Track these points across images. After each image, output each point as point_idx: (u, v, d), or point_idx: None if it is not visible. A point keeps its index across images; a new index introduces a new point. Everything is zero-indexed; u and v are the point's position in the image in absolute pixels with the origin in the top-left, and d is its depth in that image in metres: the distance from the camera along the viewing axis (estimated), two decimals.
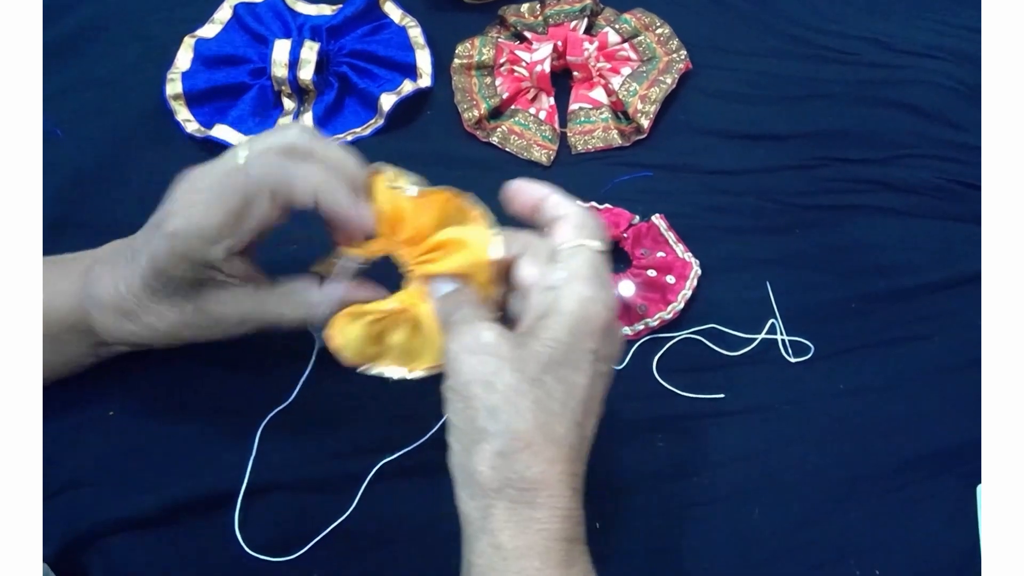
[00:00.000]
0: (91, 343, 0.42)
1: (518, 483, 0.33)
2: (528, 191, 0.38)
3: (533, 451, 0.33)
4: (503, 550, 0.33)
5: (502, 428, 0.33)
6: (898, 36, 0.64)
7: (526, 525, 0.33)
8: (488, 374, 0.34)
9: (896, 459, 0.47)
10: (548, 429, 0.33)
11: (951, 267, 0.53)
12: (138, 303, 0.39)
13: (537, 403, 0.33)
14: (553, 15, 0.64)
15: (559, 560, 0.33)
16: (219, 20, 0.61)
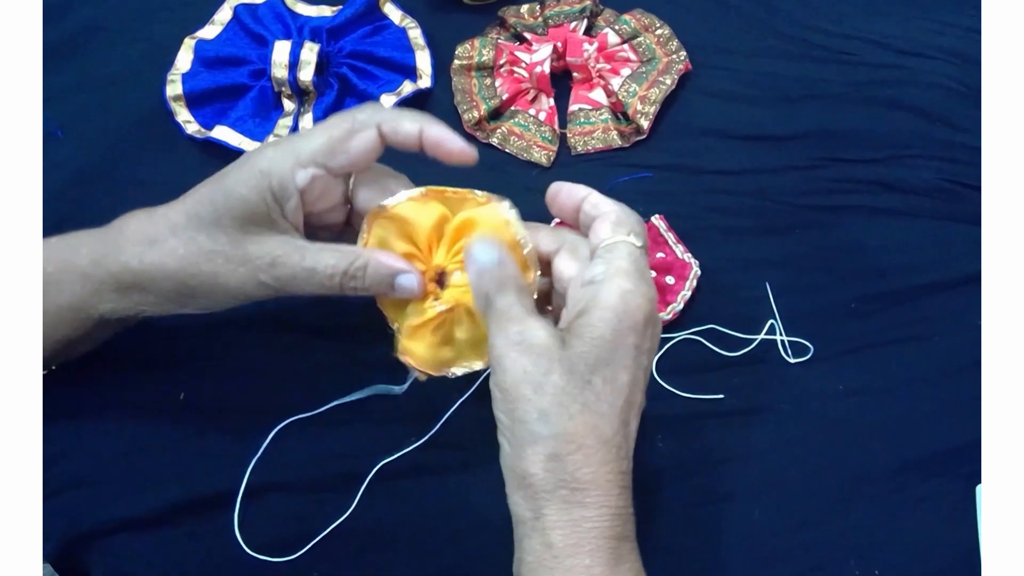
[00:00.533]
0: (82, 290, 0.40)
1: (570, 484, 0.34)
2: (568, 192, 0.39)
3: (584, 453, 0.34)
4: (554, 548, 0.34)
5: (553, 431, 0.34)
6: (897, 36, 0.64)
7: (577, 524, 0.34)
8: (538, 375, 0.34)
9: (896, 460, 0.47)
10: (598, 431, 0.34)
11: (950, 268, 0.53)
12: (169, 227, 0.39)
13: (586, 406, 0.34)
14: (553, 16, 0.64)
15: (608, 558, 0.34)
16: (219, 21, 0.61)
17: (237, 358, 0.48)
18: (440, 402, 0.46)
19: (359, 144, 0.38)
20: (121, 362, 0.46)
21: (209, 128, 0.56)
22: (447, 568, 0.44)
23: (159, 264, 0.38)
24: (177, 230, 0.38)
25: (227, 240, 0.38)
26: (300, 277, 0.38)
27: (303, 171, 0.38)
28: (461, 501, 0.45)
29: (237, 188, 0.38)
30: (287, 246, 0.38)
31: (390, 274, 0.39)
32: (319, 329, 0.50)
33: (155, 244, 0.39)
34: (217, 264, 0.38)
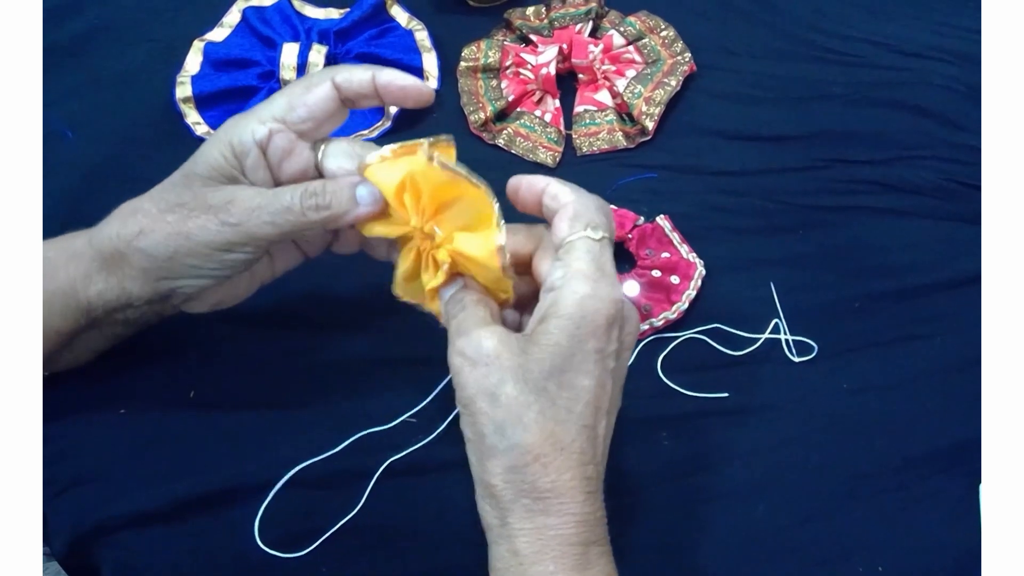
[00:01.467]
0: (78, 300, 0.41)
1: (531, 493, 0.34)
2: (528, 185, 0.39)
3: (542, 463, 0.34)
4: (520, 555, 0.34)
5: (509, 444, 0.34)
6: (901, 37, 0.64)
7: (541, 532, 0.34)
8: (491, 386, 0.34)
9: (899, 457, 0.47)
10: (555, 439, 0.34)
11: (953, 267, 0.53)
12: (148, 196, 0.40)
13: (542, 413, 0.34)
14: (558, 18, 0.64)
15: (573, 563, 0.34)
16: (228, 24, 0.62)
17: (244, 354, 0.48)
18: (447, 401, 0.47)
19: (315, 96, 0.39)
20: (129, 358, 0.46)
21: None
22: (454, 564, 0.44)
23: (136, 229, 0.39)
24: (153, 196, 0.40)
25: (191, 195, 0.39)
26: (258, 208, 0.38)
27: (260, 126, 0.39)
28: (468, 498, 0.45)
29: (204, 152, 0.40)
30: (243, 189, 0.39)
31: (350, 185, 0.39)
32: (326, 325, 0.50)
33: (137, 212, 0.40)
34: (181, 215, 0.39)
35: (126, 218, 0.40)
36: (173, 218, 0.39)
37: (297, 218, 0.39)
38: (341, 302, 0.52)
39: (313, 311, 0.51)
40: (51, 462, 0.45)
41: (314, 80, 0.40)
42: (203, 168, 0.39)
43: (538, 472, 0.34)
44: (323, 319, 0.51)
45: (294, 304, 0.51)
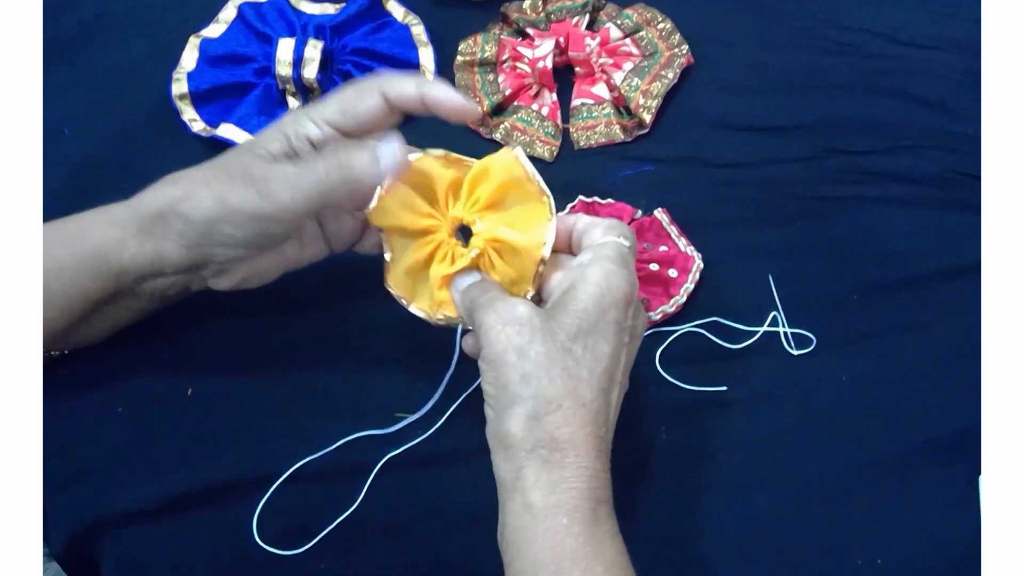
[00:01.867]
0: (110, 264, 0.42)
1: (548, 443, 0.36)
2: (561, 221, 0.41)
3: (563, 414, 0.36)
4: (533, 508, 0.36)
5: (533, 392, 0.36)
6: (901, 27, 0.64)
7: (555, 484, 0.36)
8: (522, 343, 0.37)
9: (898, 448, 0.47)
10: (577, 394, 0.36)
11: (953, 256, 0.53)
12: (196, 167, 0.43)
13: (566, 370, 0.37)
14: (555, 11, 0.64)
15: (586, 518, 0.35)
16: (224, 20, 0.61)
17: (242, 349, 0.49)
18: (446, 396, 0.47)
19: (365, 106, 0.41)
20: (128, 353, 0.47)
21: (214, 126, 0.56)
22: (454, 559, 0.44)
23: (180, 193, 0.41)
24: (201, 167, 0.42)
25: (238, 167, 0.41)
26: (289, 174, 0.40)
27: (315, 128, 0.41)
28: (466, 492, 0.45)
29: (262, 136, 0.43)
30: (283, 164, 0.41)
31: (372, 151, 0.40)
32: (325, 319, 0.50)
33: (182, 179, 0.42)
34: (225, 184, 0.40)
35: (172, 183, 0.42)
36: (218, 187, 0.40)
37: (326, 189, 0.40)
38: (341, 297, 0.52)
39: (312, 306, 0.51)
40: (50, 457, 0.45)
41: (364, 88, 0.42)
42: (259, 149, 0.42)
43: (558, 422, 0.36)
44: (321, 314, 0.51)
45: (292, 299, 0.51)
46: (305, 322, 0.50)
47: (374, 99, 0.41)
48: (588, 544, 0.35)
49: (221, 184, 0.40)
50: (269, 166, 0.41)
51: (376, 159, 0.40)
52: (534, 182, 0.41)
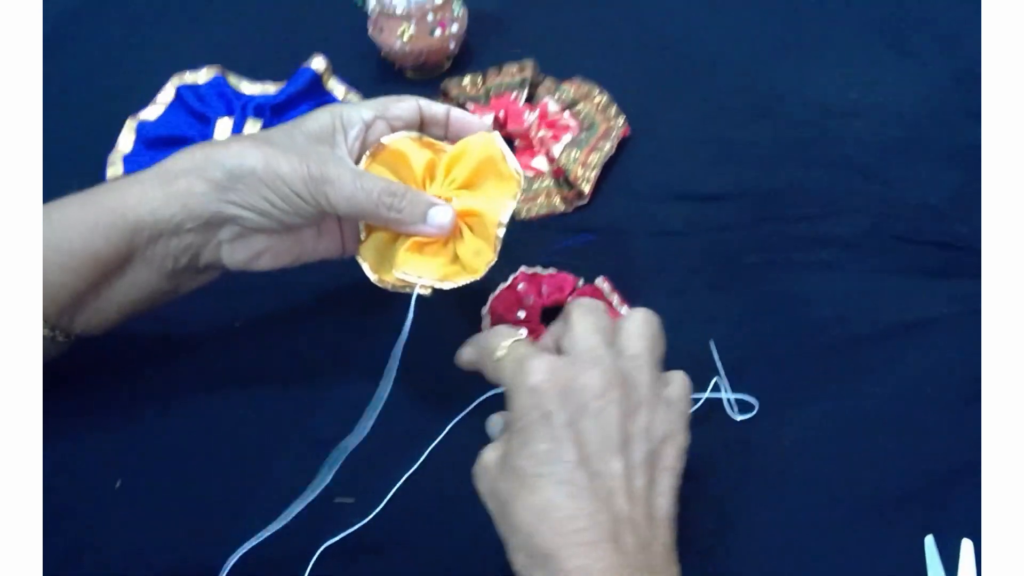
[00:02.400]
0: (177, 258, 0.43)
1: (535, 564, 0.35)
2: None
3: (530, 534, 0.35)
4: None
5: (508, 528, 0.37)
6: (828, 95, 0.66)
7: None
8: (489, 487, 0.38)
9: (843, 512, 0.47)
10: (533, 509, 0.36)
11: (887, 318, 0.53)
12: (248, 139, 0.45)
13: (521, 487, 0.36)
14: (494, 87, 0.65)
15: None
16: (162, 102, 0.62)
17: (174, 432, 0.47)
18: (389, 480, 0.46)
19: (404, 106, 0.46)
20: (53, 443, 0.45)
21: None
22: None
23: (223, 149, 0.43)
24: (249, 134, 0.44)
25: (289, 141, 0.43)
26: (344, 180, 0.43)
27: (368, 111, 0.45)
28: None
29: (314, 115, 0.45)
30: (342, 161, 0.44)
31: (427, 203, 0.44)
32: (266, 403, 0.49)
33: (229, 141, 0.44)
34: (275, 151, 0.42)
35: (202, 146, 0.43)
36: (269, 150, 0.42)
37: (370, 207, 0.43)
38: (275, 371, 0.51)
39: (254, 384, 0.50)
40: None
41: (402, 96, 0.47)
42: (312, 126, 0.44)
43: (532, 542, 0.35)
44: (268, 395, 0.50)
45: (222, 379, 0.50)
46: (244, 404, 0.49)
47: (411, 103, 0.47)
48: None
49: (272, 151, 0.42)
50: (325, 151, 0.43)
51: (425, 219, 0.44)
52: (507, 162, 0.45)
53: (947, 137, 0.64)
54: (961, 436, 0.49)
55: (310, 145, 0.44)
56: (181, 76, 0.63)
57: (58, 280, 0.41)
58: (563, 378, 0.37)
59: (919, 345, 0.53)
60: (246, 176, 0.42)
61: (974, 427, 0.50)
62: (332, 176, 0.42)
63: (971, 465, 0.48)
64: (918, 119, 0.65)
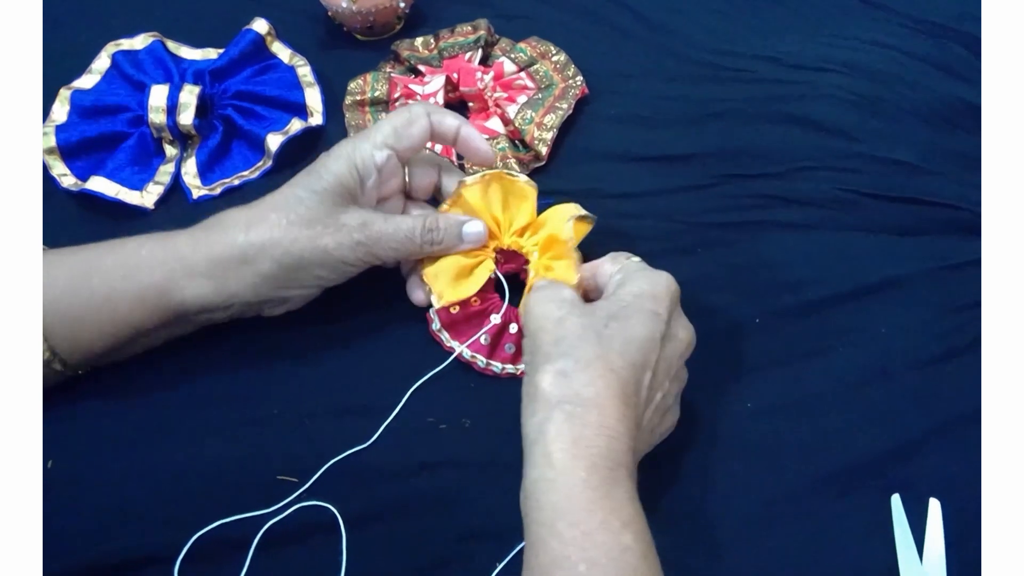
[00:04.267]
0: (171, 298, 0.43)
1: (573, 399, 0.37)
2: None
3: (590, 374, 0.38)
4: (552, 458, 0.36)
5: (564, 351, 0.39)
6: (793, 52, 0.64)
7: (576, 440, 0.36)
8: (561, 315, 0.40)
9: (809, 477, 0.45)
10: (606, 359, 0.38)
11: (853, 278, 0.52)
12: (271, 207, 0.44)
13: (599, 339, 0.39)
14: (448, 47, 0.63)
15: (604, 477, 0.36)
16: (97, 70, 0.59)
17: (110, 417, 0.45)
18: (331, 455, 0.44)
19: (417, 129, 0.46)
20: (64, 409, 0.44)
21: (85, 180, 0.53)
22: None
23: (266, 237, 0.43)
24: (278, 207, 0.44)
25: (323, 211, 0.44)
26: (386, 235, 0.45)
27: (379, 152, 0.45)
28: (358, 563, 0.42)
29: (331, 166, 0.44)
30: (372, 214, 0.45)
31: (458, 223, 0.47)
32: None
33: (263, 221, 0.43)
34: (317, 230, 0.43)
35: (250, 226, 0.43)
36: (309, 232, 0.43)
37: (415, 247, 0.46)
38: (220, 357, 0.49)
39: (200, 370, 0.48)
40: None
41: (414, 114, 0.46)
42: (331, 184, 0.44)
43: (585, 380, 0.37)
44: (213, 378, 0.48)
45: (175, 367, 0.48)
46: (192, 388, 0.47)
47: (423, 124, 0.46)
48: (606, 499, 0.35)
49: (314, 231, 0.43)
50: (359, 213, 0.44)
51: (461, 238, 0.47)
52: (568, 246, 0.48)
53: (916, 91, 0.62)
54: (931, 395, 0.48)
55: (339, 208, 0.44)
56: (117, 43, 0.60)
57: (94, 343, 0.43)
58: (677, 311, 0.43)
59: (888, 305, 0.51)
60: (299, 267, 0.43)
61: (944, 385, 0.48)
62: (375, 235, 0.44)
63: (941, 424, 0.47)
64: (886, 74, 0.63)
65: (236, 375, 0.48)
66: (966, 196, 0.56)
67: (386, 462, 0.45)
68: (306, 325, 0.49)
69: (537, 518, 0.36)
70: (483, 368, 0.48)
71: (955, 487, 0.45)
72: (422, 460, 0.45)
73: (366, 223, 0.44)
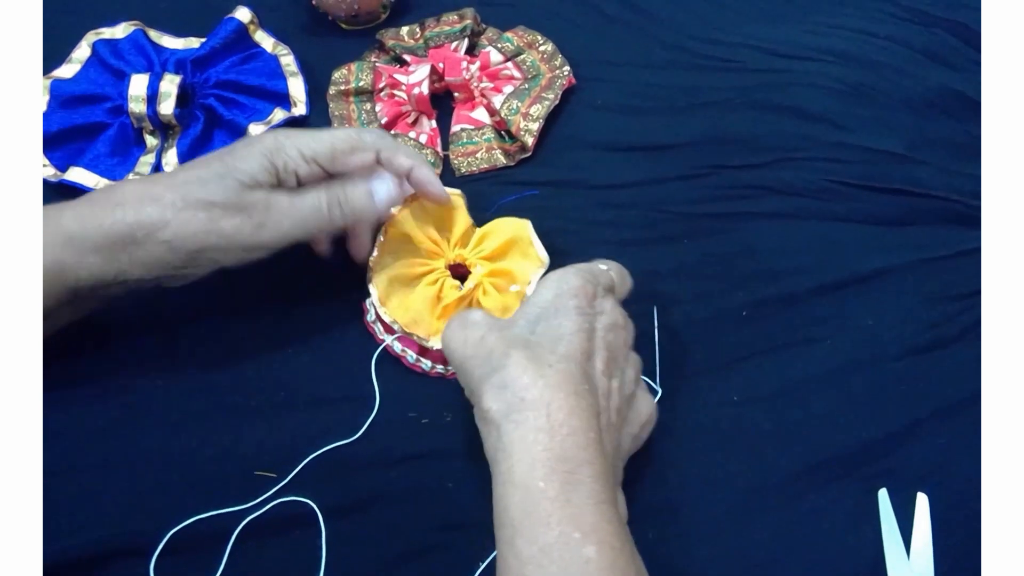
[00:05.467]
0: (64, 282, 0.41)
1: (518, 406, 0.36)
2: None
3: (528, 375, 0.36)
4: (512, 473, 0.35)
5: (496, 365, 0.37)
6: (780, 40, 0.64)
7: (528, 446, 0.35)
8: (480, 336, 0.39)
9: (795, 467, 0.45)
10: (540, 359, 0.37)
11: (839, 269, 0.51)
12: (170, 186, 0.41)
13: (527, 344, 0.38)
14: (433, 37, 0.62)
15: (563, 481, 0.34)
16: (77, 59, 0.58)
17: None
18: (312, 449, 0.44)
19: (357, 161, 0.45)
20: None
21: (64, 170, 0.52)
22: None
23: (159, 217, 0.40)
24: (175, 186, 0.41)
25: (225, 195, 0.41)
26: (292, 213, 0.43)
27: (305, 165, 0.43)
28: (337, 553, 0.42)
29: (242, 164, 0.42)
30: (277, 194, 0.43)
31: (367, 190, 0.45)
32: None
33: (156, 201, 0.40)
34: (215, 214, 0.41)
35: (140, 205, 0.40)
36: (205, 215, 0.41)
37: (324, 222, 0.44)
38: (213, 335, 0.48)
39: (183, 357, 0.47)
40: None
41: (363, 143, 0.45)
42: (244, 176, 0.41)
43: (524, 383, 0.36)
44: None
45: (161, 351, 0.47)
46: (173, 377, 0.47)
47: (368, 159, 0.45)
48: (565, 507, 0.34)
49: (210, 215, 0.41)
50: (265, 196, 0.42)
51: (372, 197, 0.45)
52: (535, 249, 0.48)
53: (904, 80, 0.61)
54: (917, 387, 0.48)
55: (244, 190, 0.42)
56: (98, 32, 0.59)
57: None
58: (602, 298, 0.41)
59: (875, 296, 0.51)
60: (194, 251, 0.41)
61: (932, 377, 0.48)
62: (278, 216, 0.42)
63: (928, 417, 0.47)
64: (876, 63, 0.62)
65: (210, 365, 0.47)
66: (954, 186, 0.55)
67: (366, 455, 0.44)
68: (280, 314, 0.48)
69: (500, 535, 0.35)
70: (412, 364, 0.47)
71: (941, 478, 0.45)
72: (403, 453, 0.45)
73: (270, 205, 0.42)
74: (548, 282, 0.41)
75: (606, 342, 0.40)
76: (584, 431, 0.36)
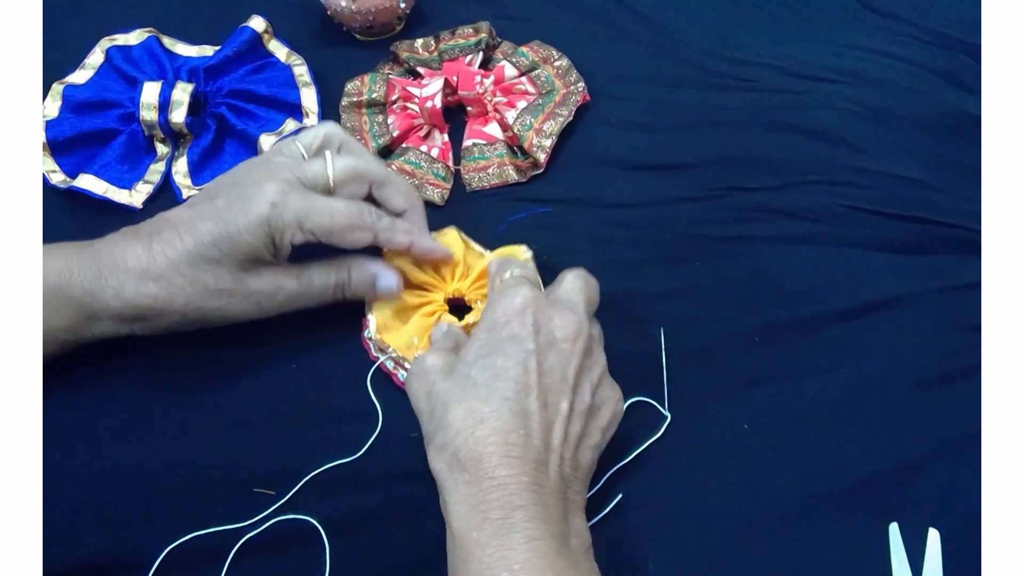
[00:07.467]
0: (77, 316, 0.42)
1: (455, 466, 0.37)
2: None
3: (464, 436, 0.37)
4: (453, 531, 0.36)
5: (437, 426, 0.38)
6: (798, 60, 0.63)
7: (468, 503, 0.36)
8: (429, 386, 0.40)
9: (804, 496, 0.44)
10: (475, 412, 0.37)
11: (851, 295, 0.51)
12: (171, 264, 0.42)
13: (464, 393, 0.38)
14: (448, 50, 0.62)
15: (496, 529, 0.35)
16: (91, 65, 0.58)
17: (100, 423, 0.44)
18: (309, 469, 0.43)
19: (354, 239, 0.45)
20: None
21: (74, 177, 0.52)
22: None
23: (165, 299, 0.42)
24: (181, 268, 0.42)
25: (231, 279, 0.43)
26: (299, 296, 0.45)
27: (302, 236, 0.43)
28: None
29: (243, 236, 0.42)
30: (283, 275, 0.45)
31: (372, 275, 0.47)
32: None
33: (159, 280, 0.42)
34: (222, 300, 0.43)
35: (147, 281, 0.41)
36: (214, 302, 0.43)
37: (326, 300, 0.46)
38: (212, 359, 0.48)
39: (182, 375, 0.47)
40: None
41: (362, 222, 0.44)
42: (243, 251, 0.42)
43: (461, 443, 0.37)
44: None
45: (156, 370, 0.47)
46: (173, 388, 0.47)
47: (365, 239, 0.45)
48: (497, 552, 0.35)
49: (221, 302, 0.43)
50: (272, 281, 0.44)
51: (375, 283, 0.47)
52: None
53: (922, 103, 0.60)
54: (931, 419, 0.47)
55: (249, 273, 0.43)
56: (112, 38, 0.59)
57: None
58: (543, 315, 0.41)
59: (889, 325, 0.50)
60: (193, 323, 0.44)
61: (945, 409, 0.47)
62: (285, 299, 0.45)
63: (940, 449, 0.46)
64: (893, 84, 0.62)
65: (210, 378, 0.47)
66: (972, 213, 0.54)
67: (367, 471, 0.44)
68: (281, 329, 0.48)
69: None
70: (402, 383, 0.46)
71: (952, 513, 0.44)
72: (404, 469, 0.44)
73: (278, 290, 0.44)
74: (492, 305, 0.41)
75: (549, 366, 0.39)
76: (516, 477, 0.36)
